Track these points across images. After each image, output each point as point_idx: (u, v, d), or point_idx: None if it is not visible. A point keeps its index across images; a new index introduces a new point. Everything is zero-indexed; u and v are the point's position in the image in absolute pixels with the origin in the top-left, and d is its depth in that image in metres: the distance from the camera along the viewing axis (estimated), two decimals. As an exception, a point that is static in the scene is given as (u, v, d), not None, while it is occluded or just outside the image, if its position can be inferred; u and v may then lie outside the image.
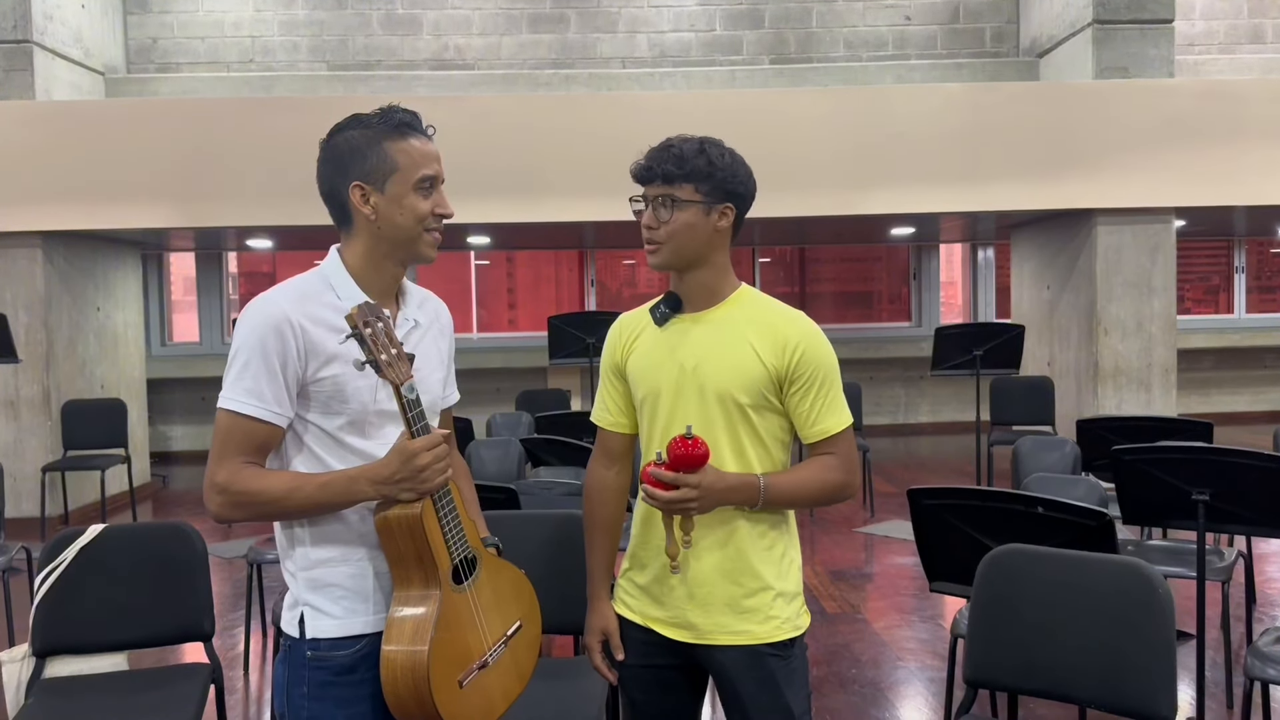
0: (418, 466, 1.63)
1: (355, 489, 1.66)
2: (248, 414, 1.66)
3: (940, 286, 10.87)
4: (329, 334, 1.68)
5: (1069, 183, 7.02)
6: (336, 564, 1.73)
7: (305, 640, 1.72)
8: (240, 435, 1.67)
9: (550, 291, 10.96)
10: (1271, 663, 2.74)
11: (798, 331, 1.92)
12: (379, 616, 1.72)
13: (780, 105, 7.24)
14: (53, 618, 2.82)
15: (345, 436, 1.72)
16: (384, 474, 1.64)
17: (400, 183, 1.74)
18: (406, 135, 1.75)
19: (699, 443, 1.78)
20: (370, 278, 1.77)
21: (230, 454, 1.67)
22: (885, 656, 4.18)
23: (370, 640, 1.71)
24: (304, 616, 1.73)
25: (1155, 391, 7.19)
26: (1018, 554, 2.33)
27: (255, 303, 1.72)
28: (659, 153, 1.90)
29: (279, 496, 1.67)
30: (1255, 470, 3.11)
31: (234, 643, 4.38)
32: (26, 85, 7.38)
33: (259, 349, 1.66)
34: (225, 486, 1.66)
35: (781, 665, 1.92)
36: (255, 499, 1.66)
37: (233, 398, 1.67)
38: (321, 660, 1.71)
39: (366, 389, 1.70)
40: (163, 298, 10.00)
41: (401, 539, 1.66)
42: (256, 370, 1.65)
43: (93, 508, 7.08)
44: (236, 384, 1.67)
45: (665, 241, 1.90)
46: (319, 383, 1.68)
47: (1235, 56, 9.55)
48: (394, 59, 9.09)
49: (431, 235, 1.79)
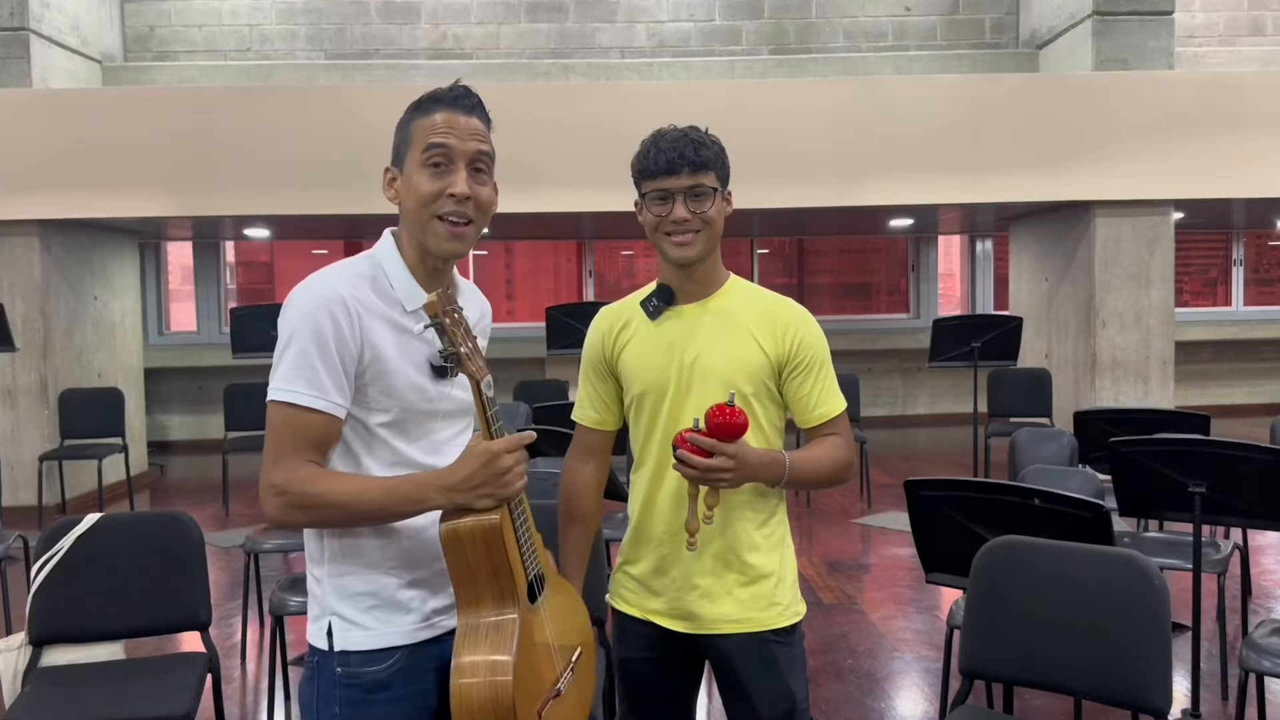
0: (500, 469, 1.48)
1: (423, 496, 1.49)
2: (304, 405, 1.49)
3: (938, 278, 10.87)
4: (379, 320, 1.54)
5: (1068, 174, 7.01)
6: (369, 570, 1.57)
7: (334, 654, 1.56)
8: (297, 429, 1.50)
9: (548, 282, 10.95)
10: (1266, 655, 2.75)
11: (794, 318, 1.93)
12: (415, 628, 1.58)
13: (779, 96, 7.22)
14: (49, 606, 2.82)
15: (387, 435, 1.57)
16: (457, 479, 1.49)
17: (411, 160, 1.58)
18: (432, 109, 1.59)
19: (739, 412, 1.75)
20: (416, 266, 1.61)
21: (287, 451, 1.49)
22: (881, 647, 4.19)
23: (405, 654, 1.57)
24: (332, 627, 1.57)
25: (1153, 384, 7.19)
26: (1014, 545, 2.33)
27: (305, 284, 1.54)
28: (680, 142, 1.85)
29: (345, 500, 1.50)
30: (1252, 462, 3.11)
31: (231, 632, 4.38)
32: (23, 73, 7.35)
33: (313, 332, 1.49)
34: (285, 487, 1.49)
35: (784, 651, 1.93)
36: (318, 501, 1.50)
37: (286, 388, 1.50)
38: (353, 676, 1.55)
39: (416, 385, 1.57)
40: (160, 287, 9.98)
41: (474, 552, 1.49)
42: (312, 355, 1.49)
43: (90, 496, 7.07)
44: (291, 373, 1.50)
45: (701, 230, 1.87)
46: (366, 373, 1.53)
47: (1235, 48, 9.54)
48: (392, 48, 9.06)
49: (443, 225, 1.57)
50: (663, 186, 1.86)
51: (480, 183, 1.61)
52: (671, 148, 1.85)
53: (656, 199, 1.87)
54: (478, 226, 1.61)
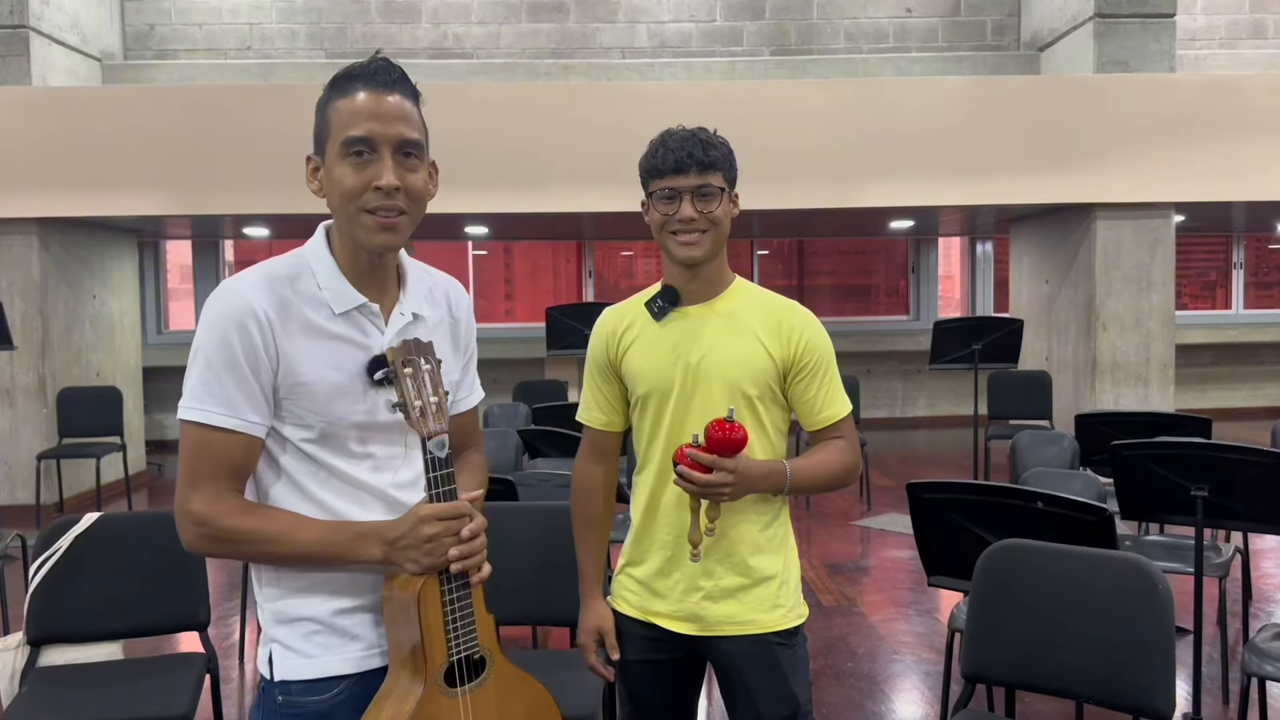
0: (422, 535, 1.39)
1: (361, 547, 1.41)
2: (217, 425, 1.39)
3: (939, 280, 10.87)
4: (296, 327, 1.43)
5: (1069, 177, 7.00)
6: (308, 594, 1.46)
7: (275, 683, 1.47)
8: (214, 453, 1.39)
9: (548, 282, 10.94)
10: (1268, 659, 2.74)
11: (800, 321, 1.93)
12: (362, 656, 1.48)
13: (780, 97, 7.21)
14: (47, 606, 2.81)
15: (322, 455, 1.45)
16: (391, 536, 1.41)
17: (331, 150, 1.44)
18: (350, 89, 1.43)
19: (738, 427, 1.76)
20: (348, 263, 1.48)
21: (204, 477, 1.39)
22: (882, 650, 4.18)
23: (351, 684, 1.46)
24: (272, 655, 1.47)
25: (1153, 387, 7.19)
26: (1016, 549, 2.32)
27: (217, 291, 1.43)
28: (689, 141, 1.84)
29: (270, 537, 1.40)
30: (1254, 466, 3.10)
31: (229, 632, 4.37)
32: (23, 71, 7.34)
33: (222, 347, 1.38)
34: (205, 519, 1.39)
35: (787, 653, 1.93)
36: (241, 537, 1.41)
37: (196, 406, 1.39)
38: (294, 706, 1.45)
39: (344, 394, 1.44)
40: (159, 285, 9.98)
41: (394, 616, 1.43)
42: (220, 371, 1.38)
43: (88, 495, 7.06)
44: (201, 390, 1.39)
45: (708, 230, 1.86)
46: (288, 387, 1.42)
47: (1236, 51, 9.54)
48: (392, 47, 9.04)
49: (371, 217, 1.43)
50: (670, 185, 1.85)
51: (410, 169, 1.45)
52: (680, 147, 1.84)
53: (664, 198, 1.87)
54: (412, 217, 1.47)
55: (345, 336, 1.46)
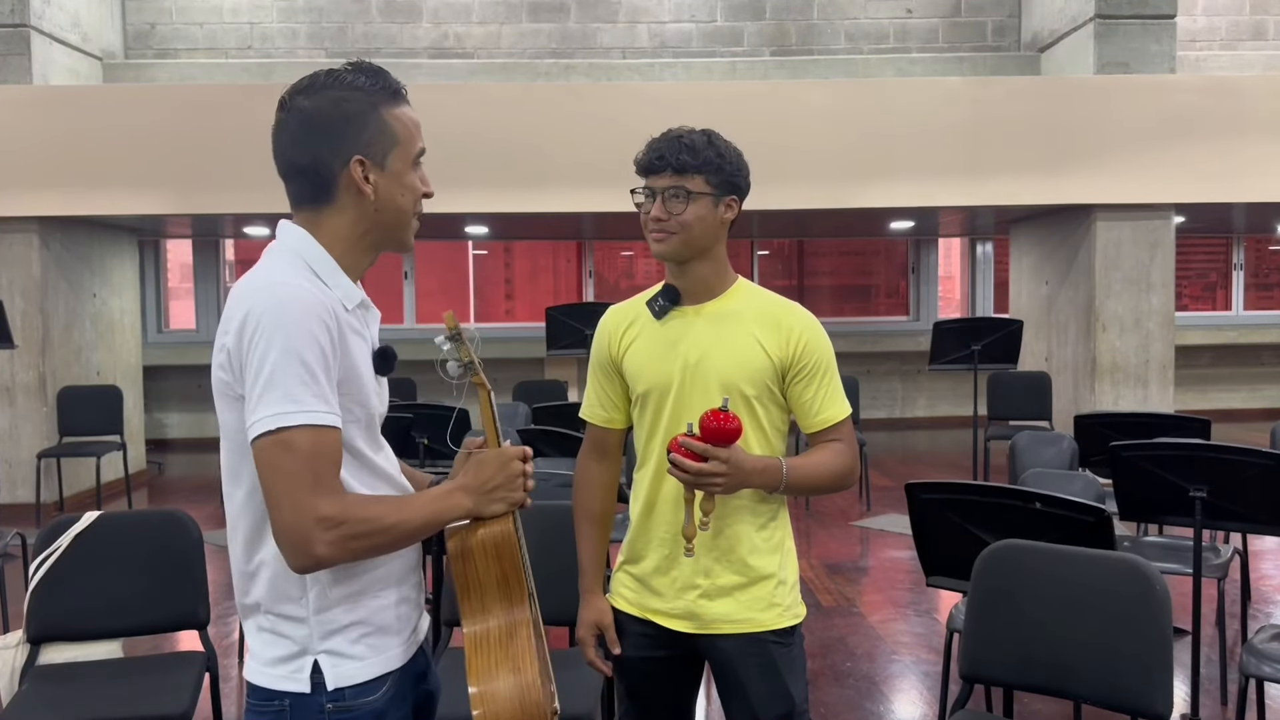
0: (515, 471, 1.50)
1: (453, 502, 1.47)
2: (328, 424, 1.37)
3: (939, 281, 10.87)
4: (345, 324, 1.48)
5: (1069, 178, 7.01)
6: (359, 597, 1.47)
7: (325, 693, 1.44)
8: (330, 453, 1.37)
9: (548, 282, 10.94)
10: (1266, 660, 2.75)
11: (799, 322, 1.93)
12: (403, 650, 1.52)
13: (780, 97, 7.22)
14: (47, 604, 2.81)
15: (360, 445, 1.48)
16: (478, 482, 1.48)
17: (401, 158, 1.51)
18: (400, 102, 1.54)
19: (732, 417, 1.75)
20: (351, 265, 1.52)
21: (327, 479, 1.37)
22: (880, 650, 4.18)
23: (395, 678, 1.50)
24: (318, 666, 1.44)
25: (1153, 388, 7.19)
26: (1015, 549, 2.32)
27: (276, 293, 1.40)
28: (668, 143, 1.87)
29: (393, 522, 1.42)
30: (1253, 467, 3.11)
31: (228, 631, 4.37)
32: (24, 70, 7.34)
33: (312, 346, 1.37)
34: (341, 517, 1.36)
35: (784, 652, 1.93)
36: (374, 527, 1.40)
37: (302, 410, 1.35)
38: (347, 711, 1.45)
39: (373, 386, 1.51)
40: (159, 284, 9.98)
41: (486, 560, 1.47)
42: (316, 370, 1.37)
43: (88, 494, 7.06)
44: (302, 391, 1.35)
45: (677, 232, 1.87)
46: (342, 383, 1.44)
47: (1237, 53, 9.54)
48: (393, 46, 9.05)
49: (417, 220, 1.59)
50: (647, 184, 1.90)
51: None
52: (657, 147, 1.88)
53: (643, 195, 1.91)
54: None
55: (359, 331, 1.50)
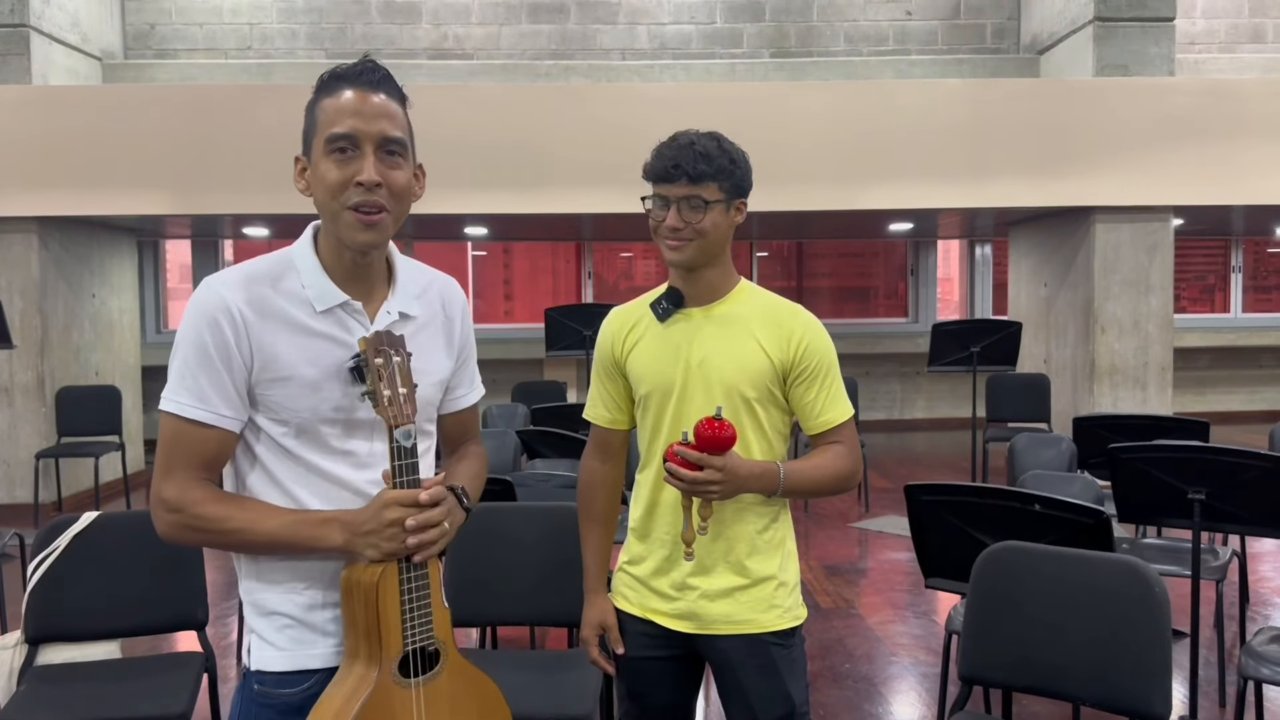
0: (385, 520, 1.41)
1: (324, 533, 1.44)
2: (189, 417, 1.44)
3: (938, 282, 10.87)
4: (277, 324, 1.46)
5: (1068, 180, 7.01)
6: (283, 588, 1.50)
7: (252, 671, 1.52)
8: (188, 444, 1.45)
9: (547, 283, 10.94)
10: (1265, 662, 2.75)
11: (801, 324, 1.93)
12: (334, 653, 1.50)
13: (780, 99, 7.22)
14: (46, 605, 2.81)
15: (300, 449, 1.48)
16: (355, 521, 1.44)
17: (317, 147, 1.46)
18: (337, 88, 1.46)
19: (726, 425, 1.75)
20: (333, 262, 1.52)
21: (179, 466, 1.45)
22: (879, 652, 4.18)
23: (322, 679, 1.49)
24: (250, 644, 1.53)
25: (1151, 390, 7.19)
26: (1014, 551, 2.32)
27: (197, 290, 1.47)
28: (682, 151, 1.84)
29: (240, 527, 1.44)
30: (1251, 470, 3.11)
31: (227, 631, 4.37)
32: (23, 70, 7.34)
33: (195, 342, 1.43)
34: (178, 505, 1.45)
35: (784, 654, 1.93)
36: (212, 526, 1.45)
37: (173, 398, 1.45)
38: (267, 696, 1.50)
39: (320, 390, 1.47)
40: (158, 285, 9.98)
41: (352, 604, 1.44)
42: (196, 367, 1.43)
43: (87, 494, 7.06)
44: (177, 383, 1.44)
45: (693, 239, 1.86)
46: (265, 382, 1.46)
47: (1236, 55, 9.55)
48: (393, 47, 9.05)
49: (353, 214, 1.45)
50: (660, 192, 1.87)
51: (392, 166, 1.47)
52: (673, 155, 1.84)
53: (656, 203, 1.89)
54: (394, 215, 1.49)
55: (326, 334, 1.48)
